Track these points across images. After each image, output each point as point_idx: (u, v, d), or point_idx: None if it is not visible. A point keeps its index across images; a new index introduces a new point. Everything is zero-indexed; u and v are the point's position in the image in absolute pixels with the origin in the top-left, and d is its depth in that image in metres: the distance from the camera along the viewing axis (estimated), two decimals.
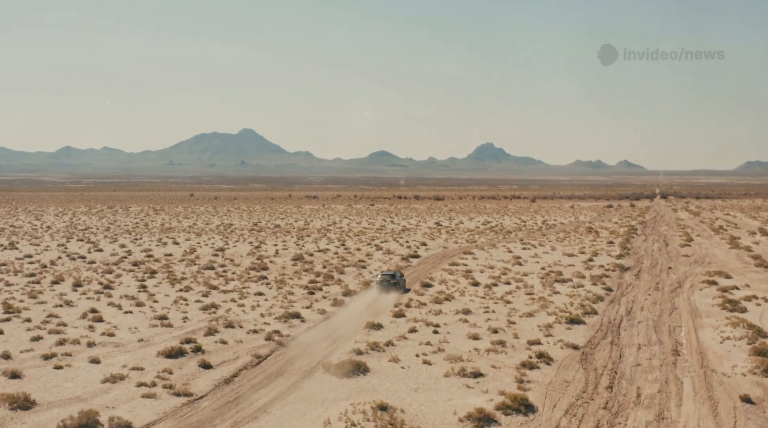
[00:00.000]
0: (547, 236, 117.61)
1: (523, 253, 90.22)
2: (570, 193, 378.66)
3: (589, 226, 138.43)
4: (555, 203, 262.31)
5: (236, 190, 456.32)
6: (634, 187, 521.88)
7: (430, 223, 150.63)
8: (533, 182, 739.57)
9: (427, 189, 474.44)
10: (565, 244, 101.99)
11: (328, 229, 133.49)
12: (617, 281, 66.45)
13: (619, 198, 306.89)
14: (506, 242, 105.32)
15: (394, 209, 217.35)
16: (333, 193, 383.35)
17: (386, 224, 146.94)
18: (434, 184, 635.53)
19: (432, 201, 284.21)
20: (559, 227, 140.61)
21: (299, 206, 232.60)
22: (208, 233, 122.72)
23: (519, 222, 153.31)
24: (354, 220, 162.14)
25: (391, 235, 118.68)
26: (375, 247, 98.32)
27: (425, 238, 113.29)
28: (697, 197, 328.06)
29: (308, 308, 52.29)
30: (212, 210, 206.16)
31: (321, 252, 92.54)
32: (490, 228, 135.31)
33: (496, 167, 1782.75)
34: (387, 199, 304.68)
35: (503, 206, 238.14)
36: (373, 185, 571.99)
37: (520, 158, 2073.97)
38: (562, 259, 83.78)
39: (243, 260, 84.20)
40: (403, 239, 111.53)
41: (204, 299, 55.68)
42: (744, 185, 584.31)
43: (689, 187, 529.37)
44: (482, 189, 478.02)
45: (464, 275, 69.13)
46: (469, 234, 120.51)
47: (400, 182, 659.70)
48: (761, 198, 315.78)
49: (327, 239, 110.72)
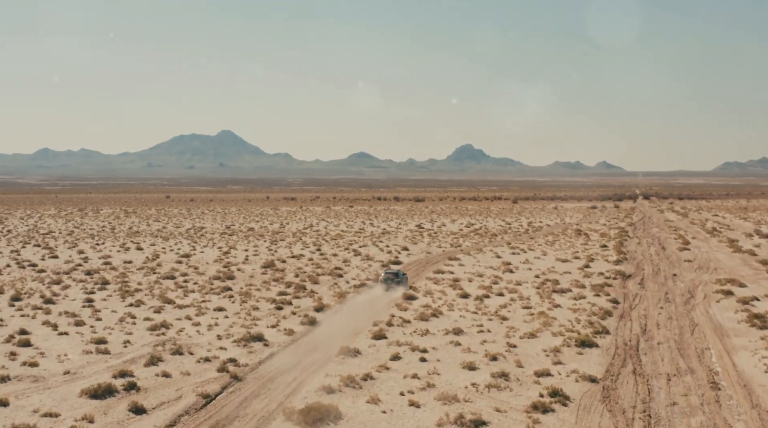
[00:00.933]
0: (536, 239, 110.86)
1: (513, 259, 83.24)
2: (551, 194, 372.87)
3: (578, 228, 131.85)
4: (537, 204, 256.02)
5: (214, 192, 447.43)
6: (613, 188, 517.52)
7: (411, 226, 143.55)
8: (513, 183, 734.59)
9: (407, 190, 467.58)
10: (556, 248, 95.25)
11: (303, 232, 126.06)
12: (621, 291, 59.52)
13: (602, 199, 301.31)
14: (493, 246, 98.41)
15: (374, 210, 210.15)
16: (312, 194, 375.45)
17: (365, 227, 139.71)
18: (414, 185, 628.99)
19: (412, 203, 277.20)
20: (546, 229, 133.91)
21: (276, 208, 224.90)
22: (176, 238, 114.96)
23: (504, 224, 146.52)
24: (332, 222, 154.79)
25: (371, 239, 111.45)
26: (353, 252, 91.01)
27: (407, 242, 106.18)
28: (679, 197, 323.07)
29: (274, 328, 44.86)
30: (186, 213, 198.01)
31: (294, 258, 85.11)
32: (474, 231, 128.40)
33: (476, 169, 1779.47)
34: (366, 200, 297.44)
35: (485, 207, 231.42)
36: (353, 187, 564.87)
37: (500, 159, 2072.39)
38: (556, 265, 76.83)
39: (208, 267, 76.66)
40: (383, 243, 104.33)
41: (155, 317, 48.12)
42: (723, 186, 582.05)
43: (668, 187, 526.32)
44: (462, 190, 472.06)
45: (451, 285, 62.02)
46: (453, 238, 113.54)
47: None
48: (744, 198, 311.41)
49: (302, 244, 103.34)
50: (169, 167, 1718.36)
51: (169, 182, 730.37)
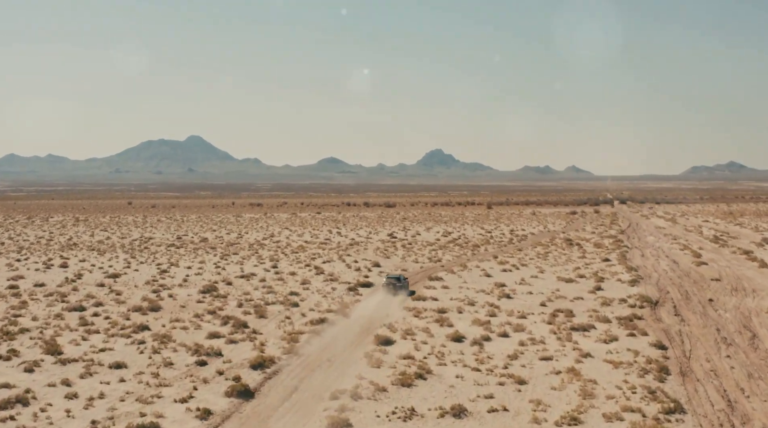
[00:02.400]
0: (524, 250, 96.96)
1: (506, 278, 69.05)
2: (524, 198, 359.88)
3: (567, 237, 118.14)
4: (513, 210, 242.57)
5: (181, 198, 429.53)
6: (584, 192, 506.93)
7: (383, 235, 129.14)
8: (483, 187, 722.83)
9: (377, 195, 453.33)
10: (552, 263, 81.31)
11: (262, 244, 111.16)
12: (659, 327, 45.42)
13: (578, 204, 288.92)
14: (478, 261, 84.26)
15: (342, 217, 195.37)
16: (279, 200, 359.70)
17: (332, 237, 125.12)
18: (384, 190, 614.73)
19: (383, 208, 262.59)
20: (532, 238, 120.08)
21: (239, 215, 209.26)
22: (115, 251, 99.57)
23: (484, 233, 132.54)
24: (296, 231, 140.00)
25: (337, 252, 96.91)
26: (314, 270, 76.30)
27: (378, 255, 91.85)
28: (656, 202, 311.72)
29: (183, 404, 30.16)
30: (141, 220, 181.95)
31: (244, 279, 70.24)
32: (452, 241, 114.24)
33: (446, 173, 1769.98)
34: (335, 206, 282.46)
35: (459, 213, 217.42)
36: (323, 192, 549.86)
37: (469, 164, 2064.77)
38: (561, 287, 62.73)
39: (135, 293, 61.62)
40: (350, 257, 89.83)
41: (18, 382, 33.20)
42: (693, 190, 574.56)
43: (638, 191, 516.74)
44: (433, 195, 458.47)
45: (438, 320, 47.53)
46: (431, 249, 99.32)
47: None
48: (723, 202, 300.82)
49: (257, 259, 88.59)
50: (137, 172, 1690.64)
51: (137, 188, 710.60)
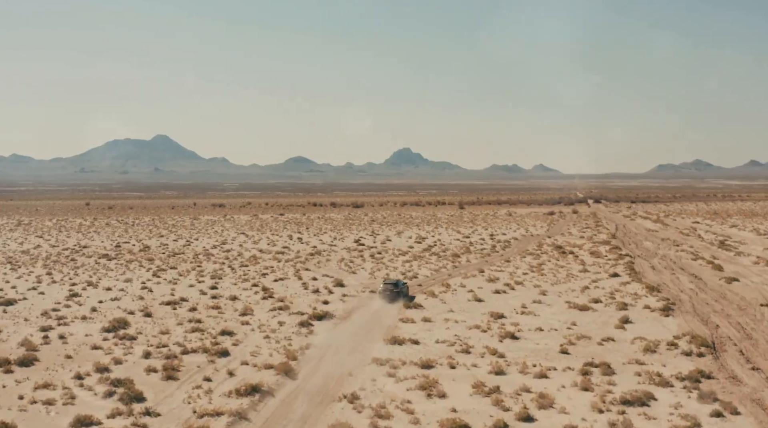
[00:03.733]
0: (513, 261, 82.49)
1: (501, 303, 54.34)
2: (495, 198, 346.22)
3: (557, 244, 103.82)
4: (486, 210, 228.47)
5: (144, 198, 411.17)
6: (553, 190, 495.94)
7: (349, 241, 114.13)
8: (451, 186, 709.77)
9: (345, 195, 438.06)
10: (552, 279, 66.65)
11: (209, 254, 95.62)
12: (745, 395, 31.00)
13: (552, 203, 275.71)
14: (462, 277, 69.50)
15: (306, 219, 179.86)
16: (243, 200, 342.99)
17: (291, 244, 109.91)
18: (352, 189, 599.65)
19: (350, 209, 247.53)
20: (517, 245, 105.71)
21: (196, 218, 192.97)
22: (33, 265, 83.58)
23: (461, 238, 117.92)
24: (253, 237, 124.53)
25: (294, 265, 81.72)
26: (262, 292, 61.05)
27: (342, 269, 76.92)
28: (632, 201, 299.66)
29: None
30: (89, 224, 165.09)
31: (170, 306, 54.89)
32: (428, 249, 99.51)
33: (414, 172, 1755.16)
34: (301, 206, 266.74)
35: (431, 214, 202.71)
36: (290, 192, 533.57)
37: (437, 163, 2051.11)
38: (576, 319, 48.01)
39: (19, 329, 46.04)
40: (309, 273, 74.66)
41: None
42: (660, 188, 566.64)
43: (606, 190, 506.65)
44: (401, 194, 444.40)
45: (422, 386, 32.37)
46: (404, 260, 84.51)
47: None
48: (701, 201, 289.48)
49: (197, 274, 73.14)
50: (102, 172, 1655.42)
51: (101, 188, 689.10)
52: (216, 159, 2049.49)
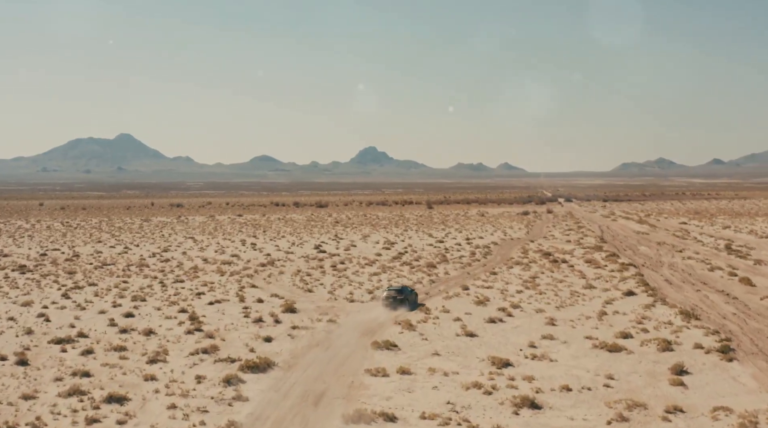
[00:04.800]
0: (499, 274, 68.98)
1: (500, 338, 40.64)
2: (463, 196, 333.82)
3: (544, 251, 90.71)
4: (456, 210, 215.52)
5: (105, 198, 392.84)
6: (519, 189, 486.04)
7: (309, 247, 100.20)
8: (417, 185, 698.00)
9: (310, 194, 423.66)
10: (556, 301, 52.94)
11: (144, 264, 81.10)
12: None
13: (523, 202, 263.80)
14: (443, 297, 55.81)
15: (266, 221, 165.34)
16: (204, 200, 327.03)
17: (243, 251, 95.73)
18: (318, 188, 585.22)
19: (314, 209, 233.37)
20: (498, 251, 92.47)
21: (148, 219, 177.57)
22: None
23: (434, 243, 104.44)
24: (202, 242, 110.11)
25: (239, 279, 67.53)
26: (189, 322, 46.88)
27: (296, 286, 62.98)
28: (605, 199, 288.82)
29: None
30: (28, 226, 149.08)
31: (59, 346, 40.53)
32: (398, 257, 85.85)
33: (379, 171, 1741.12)
34: (262, 206, 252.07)
35: (398, 214, 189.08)
36: (254, 191, 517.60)
37: (403, 162, 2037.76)
38: (609, 365, 34.42)
39: None
40: (255, 290, 60.64)
41: None
42: (625, 186, 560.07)
43: (572, 188, 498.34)
44: (367, 193, 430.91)
45: None
46: (371, 273, 70.67)
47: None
48: (676, 200, 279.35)
49: (117, 293, 58.67)
50: (65, 171, 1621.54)
51: (62, 188, 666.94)
52: (180, 158, 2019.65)
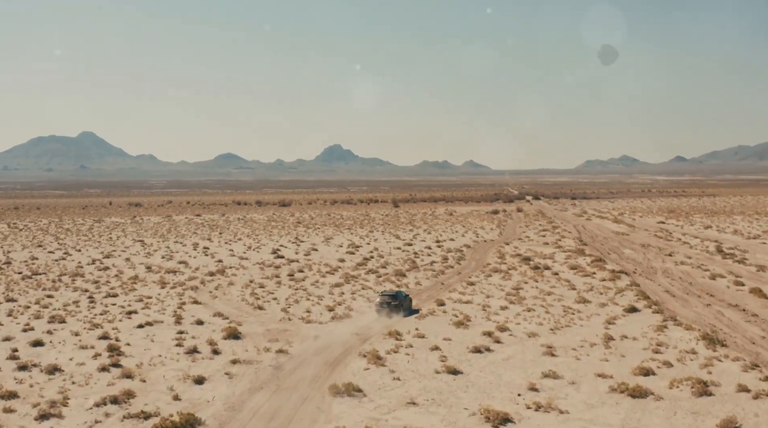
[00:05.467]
0: (477, 283, 60.64)
1: (492, 379, 32.01)
2: (429, 194, 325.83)
3: (523, 256, 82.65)
4: (423, 208, 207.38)
5: (65, 196, 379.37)
6: (484, 187, 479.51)
7: (267, 251, 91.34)
8: (383, 182, 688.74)
9: (274, 192, 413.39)
10: (549, 321, 44.56)
11: (79, 273, 71.76)
12: None
13: (491, 200, 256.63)
14: (417, 316, 47.38)
15: (225, 222, 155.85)
16: (164, 199, 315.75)
17: (194, 256, 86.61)
18: (282, 186, 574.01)
19: (276, 208, 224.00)
20: (471, 255, 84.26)
21: (101, 220, 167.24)
22: None
23: (402, 246, 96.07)
24: (151, 246, 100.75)
25: (181, 293, 58.51)
26: (106, 353, 37.70)
27: (245, 302, 54.12)
28: (573, 197, 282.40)
29: None
30: None
31: None
32: (363, 263, 77.18)
33: (344, 169, 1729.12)
34: (224, 205, 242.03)
35: (364, 213, 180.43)
36: (218, 189, 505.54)
37: (369, 160, 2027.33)
38: (637, 419, 26.44)
39: None
40: (197, 308, 51.67)
41: None
42: (589, 183, 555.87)
43: (537, 185, 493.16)
44: (332, 191, 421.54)
45: None
46: (332, 285, 61.88)
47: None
48: (646, 198, 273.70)
49: (33, 314, 49.34)
50: (26, 170, 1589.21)
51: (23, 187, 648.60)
52: (144, 156, 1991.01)
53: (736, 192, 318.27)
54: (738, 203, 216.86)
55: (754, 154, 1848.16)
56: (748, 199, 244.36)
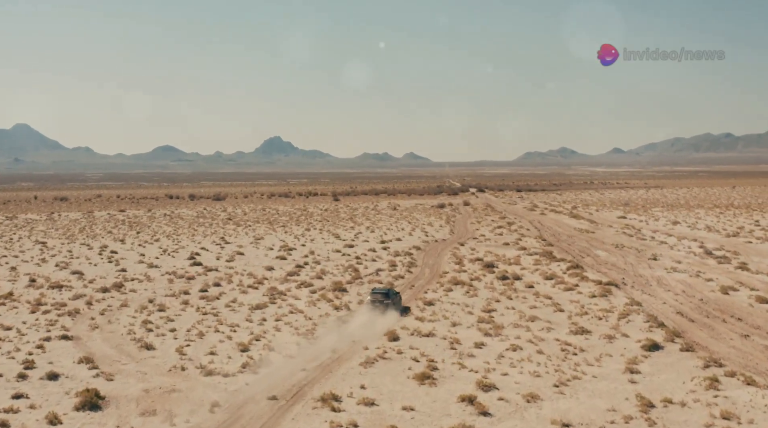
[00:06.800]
0: (437, 302, 47.39)
1: None
2: (371, 187, 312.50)
3: (485, 262, 69.83)
4: (364, 202, 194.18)
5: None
6: (426, 178, 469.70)
7: (183, 256, 76.92)
8: (323, 175, 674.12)
9: (212, 185, 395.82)
10: (536, 360, 31.77)
11: None
12: None
13: (435, 193, 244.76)
14: (359, 361, 34.03)
15: (148, 218, 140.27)
16: (95, 193, 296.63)
17: (94, 264, 71.78)
18: (221, 179, 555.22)
19: (209, 202, 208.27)
20: (424, 260, 71.06)
21: (13, 216, 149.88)
22: None
23: (342, 248, 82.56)
24: (51, 250, 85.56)
25: (52, 321, 43.88)
26: None
27: (134, 334, 40.04)
28: (518, 189, 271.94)
29: None
30: None
31: None
32: (296, 272, 63.46)
33: (284, 161, 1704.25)
34: (154, 199, 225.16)
35: (302, 208, 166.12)
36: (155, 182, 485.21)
37: (308, 152, 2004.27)
38: None
39: None
40: (64, 344, 37.47)
41: None
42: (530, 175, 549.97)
43: (479, 177, 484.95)
44: (271, 184, 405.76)
45: None
46: (252, 308, 48.04)
47: None
48: (594, 190, 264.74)
49: None
50: None
51: None
52: (80, 148, 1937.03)
53: (680, 184, 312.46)
54: (687, 195, 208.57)
55: (690, 146, 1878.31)
56: (695, 191, 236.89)
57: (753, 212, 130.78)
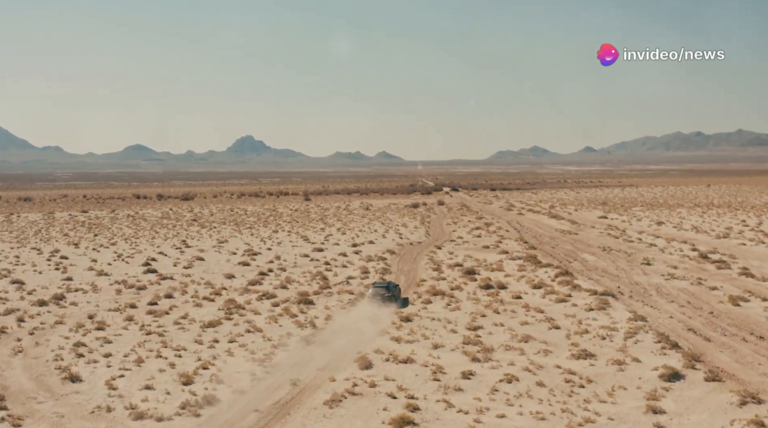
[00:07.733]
0: (417, 320, 41.82)
1: None
2: (343, 186, 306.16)
3: (465, 268, 64.24)
4: (336, 201, 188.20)
5: None
6: (398, 177, 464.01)
7: (137, 263, 70.48)
8: (295, 174, 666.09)
9: (182, 184, 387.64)
10: (533, 391, 26.18)
11: None
12: None
13: (408, 192, 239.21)
14: (325, 399, 28.24)
15: (110, 219, 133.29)
16: (61, 193, 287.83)
17: (39, 272, 65.20)
18: (192, 178, 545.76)
19: (177, 202, 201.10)
20: (398, 265, 65.34)
21: None
22: None
23: (311, 252, 76.62)
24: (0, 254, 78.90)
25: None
26: None
27: (60, 361, 33.75)
28: (492, 188, 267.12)
29: None
30: None
31: None
32: (258, 281, 57.47)
33: (257, 160, 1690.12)
34: (121, 199, 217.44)
35: (271, 208, 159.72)
36: (126, 181, 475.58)
37: (281, 151, 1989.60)
38: None
39: None
40: None
41: None
42: (503, 174, 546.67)
43: (451, 176, 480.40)
44: (243, 183, 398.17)
45: None
46: (204, 325, 41.97)
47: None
48: (569, 188, 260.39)
49: None
50: None
51: None
52: (50, 148, 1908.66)
53: (654, 182, 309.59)
54: (664, 193, 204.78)
55: (661, 144, 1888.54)
56: (671, 189, 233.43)
57: (736, 211, 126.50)
